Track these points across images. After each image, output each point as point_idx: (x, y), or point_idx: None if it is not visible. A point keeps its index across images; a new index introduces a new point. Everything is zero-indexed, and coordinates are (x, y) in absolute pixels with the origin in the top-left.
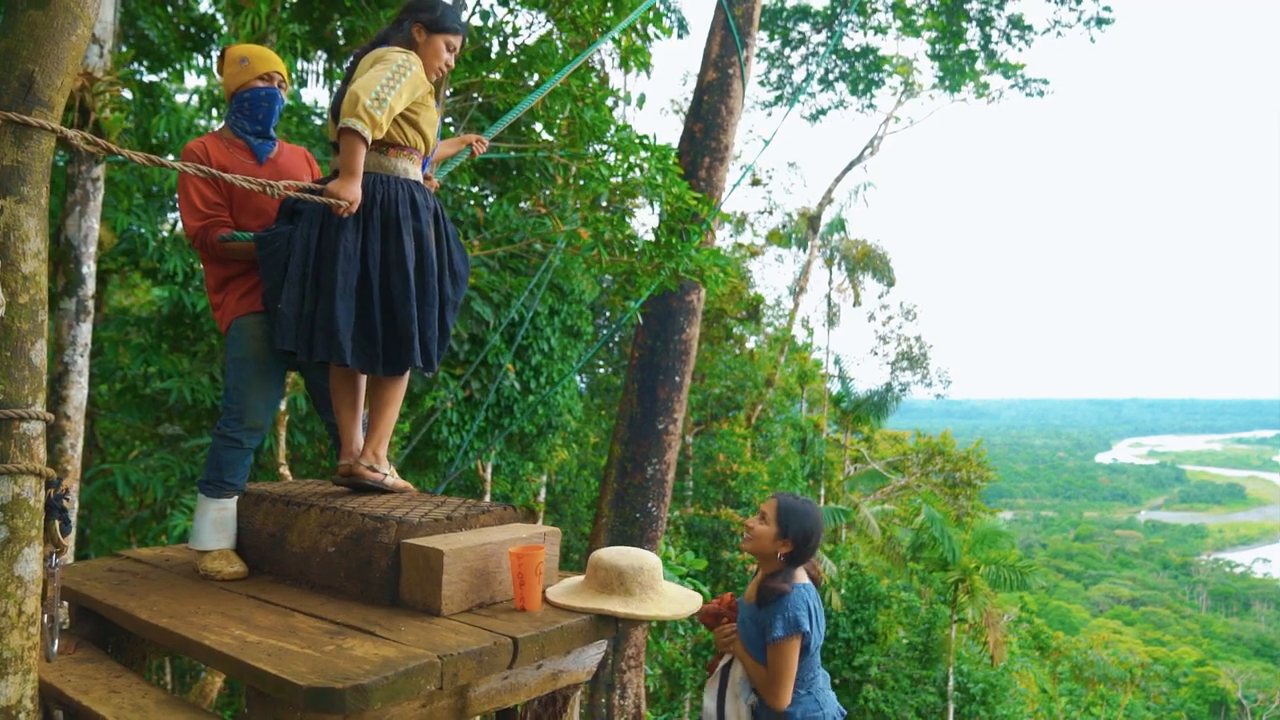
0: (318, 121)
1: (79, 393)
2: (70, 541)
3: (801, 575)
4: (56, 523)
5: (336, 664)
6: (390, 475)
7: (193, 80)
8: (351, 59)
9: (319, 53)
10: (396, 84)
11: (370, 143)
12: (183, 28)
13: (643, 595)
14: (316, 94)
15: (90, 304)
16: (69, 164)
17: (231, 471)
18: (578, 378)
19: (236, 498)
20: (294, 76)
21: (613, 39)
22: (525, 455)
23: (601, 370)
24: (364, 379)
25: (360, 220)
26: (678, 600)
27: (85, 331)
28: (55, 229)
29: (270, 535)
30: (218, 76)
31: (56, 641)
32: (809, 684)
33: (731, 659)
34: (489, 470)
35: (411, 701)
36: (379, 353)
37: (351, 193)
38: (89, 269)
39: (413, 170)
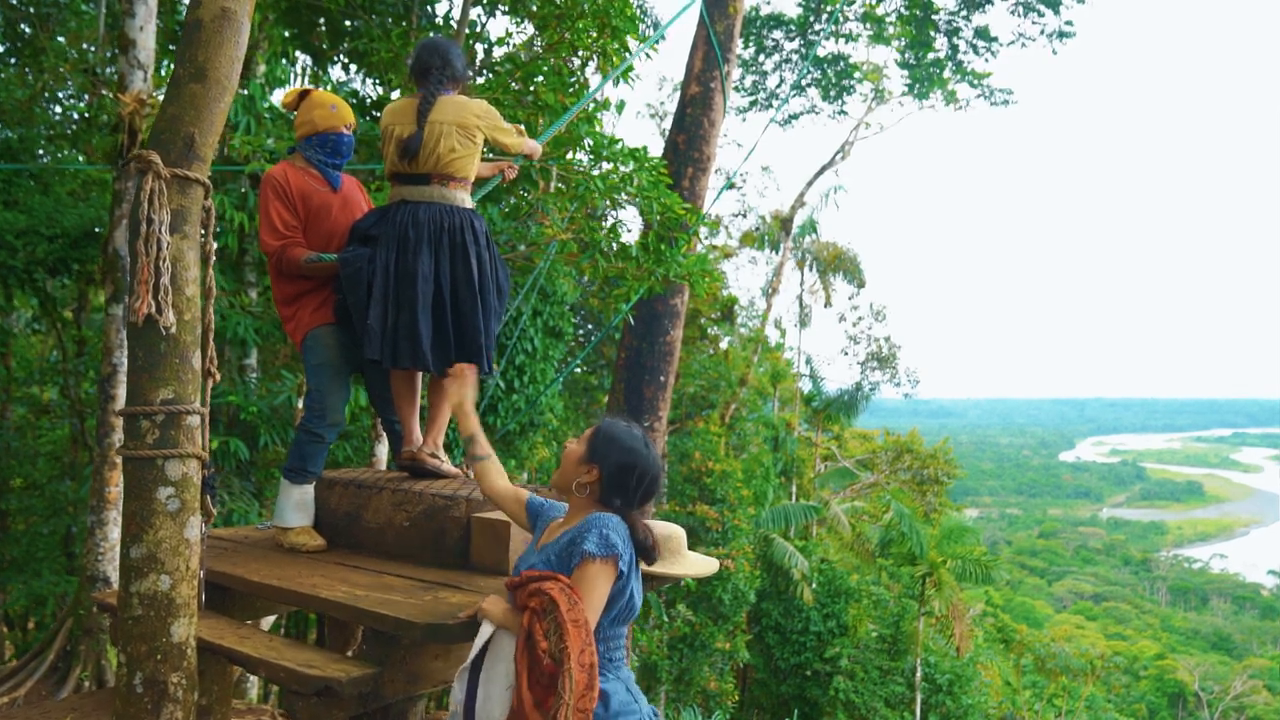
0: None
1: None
2: None
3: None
4: (207, 497)
5: (438, 608)
6: (445, 463)
7: None
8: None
9: (303, 56)
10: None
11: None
12: (172, 30)
13: (671, 559)
14: None
15: None
16: (116, 180)
17: (313, 461)
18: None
19: (314, 483)
20: (276, 76)
21: (597, 53)
22: (507, 453)
23: (578, 370)
24: (419, 381)
25: (431, 245)
26: (699, 563)
27: None
28: (104, 241)
29: (345, 514)
30: (283, 108)
31: (203, 594)
32: None
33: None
34: None
35: None
36: (453, 358)
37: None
38: None
39: (468, 200)
